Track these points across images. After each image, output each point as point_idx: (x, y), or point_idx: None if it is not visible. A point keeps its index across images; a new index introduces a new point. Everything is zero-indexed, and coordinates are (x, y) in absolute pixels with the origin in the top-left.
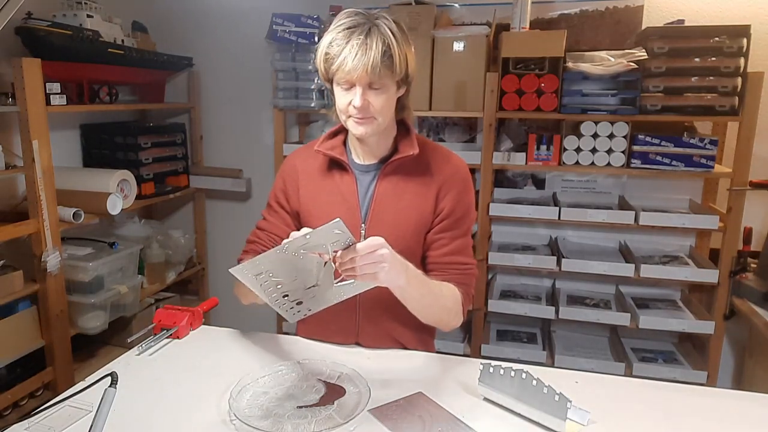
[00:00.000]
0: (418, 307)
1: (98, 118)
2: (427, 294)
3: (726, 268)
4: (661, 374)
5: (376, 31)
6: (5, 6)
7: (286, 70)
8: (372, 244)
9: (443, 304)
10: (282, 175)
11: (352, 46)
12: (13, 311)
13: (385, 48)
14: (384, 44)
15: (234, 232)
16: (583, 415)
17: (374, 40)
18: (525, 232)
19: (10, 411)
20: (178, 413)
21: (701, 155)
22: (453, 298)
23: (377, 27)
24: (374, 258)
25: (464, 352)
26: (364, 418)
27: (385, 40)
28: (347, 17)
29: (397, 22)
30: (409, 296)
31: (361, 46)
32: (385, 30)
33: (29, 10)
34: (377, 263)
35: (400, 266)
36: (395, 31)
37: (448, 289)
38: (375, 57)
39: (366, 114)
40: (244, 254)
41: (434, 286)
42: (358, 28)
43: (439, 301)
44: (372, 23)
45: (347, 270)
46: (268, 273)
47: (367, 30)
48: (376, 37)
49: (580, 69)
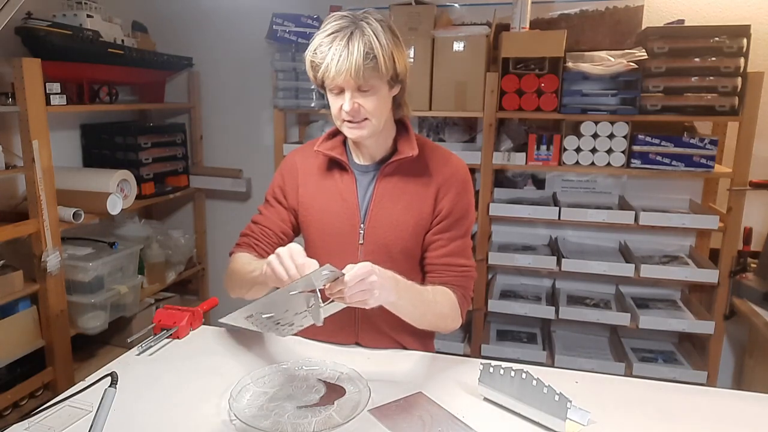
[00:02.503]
0: (411, 317)
1: (98, 118)
2: (420, 304)
3: (726, 268)
4: (661, 374)
5: (359, 34)
6: (5, 6)
7: (286, 70)
8: (359, 274)
9: (438, 311)
10: (282, 172)
11: (334, 52)
12: (13, 311)
13: (368, 50)
14: (366, 46)
15: (234, 232)
16: (583, 415)
17: (356, 43)
18: (525, 232)
19: (10, 411)
20: (178, 413)
21: (701, 155)
22: (449, 304)
23: (360, 29)
24: (363, 286)
25: (464, 352)
26: (364, 418)
27: (367, 41)
28: (333, 21)
29: (383, 21)
30: (402, 309)
31: (343, 51)
32: (368, 31)
33: (29, 10)
34: (366, 291)
35: (390, 286)
36: (379, 30)
37: (444, 295)
38: (357, 61)
39: (358, 117)
40: (237, 247)
41: (428, 295)
42: (340, 33)
43: (433, 308)
44: (356, 25)
45: (337, 297)
46: (259, 313)
47: (349, 33)
48: (357, 40)
49: (580, 69)
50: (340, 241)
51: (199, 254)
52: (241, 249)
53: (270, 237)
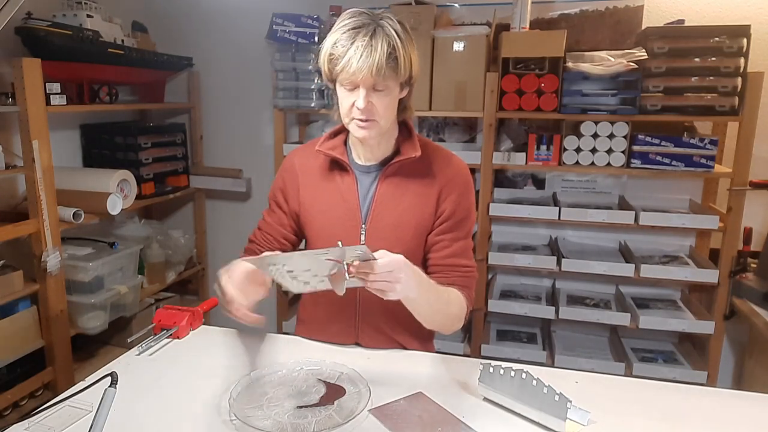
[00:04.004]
0: (424, 315)
1: (98, 118)
2: (435, 302)
3: (726, 268)
4: (661, 374)
5: (381, 32)
6: (5, 6)
7: (286, 70)
8: (391, 263)
9: (450, 312)
10: (282, 173)
11: (357, 47)
12: (13, 311)
13: (390, 50)
14: (389, 46)
15: (234, 232)
16: (583, 415)
17: (379, 41)
18: (525, 232)
19: (10, 411)
20: (178, 413)
21: (701, 155)
22: (459, 305)
23: (382, 28)
24: (390, 278)
25: (464, 352)
26: (364, 418)
27: (390, 41)
28: (351, 17)
29: (401, 23)
30: (418, 306)
31: (366, 47)
32: (390, 31)
33: (29, 10)
34: (391, 283)
35: (414, 285)
36: (400, 32)
37: (455, 296)
38: (380, 58)
39: (369, 116)
40: (243, 254)
41: (443, 294)
42: (363, 29)
43: (446, 309)
44: (377, 24)
45: (360, 276)
46: (282, 265)
47: (372, 31)
48: (381, 38)
49: (580, 69)
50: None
51: (199, 254)
52: (246, 255)
53: (272, 243)
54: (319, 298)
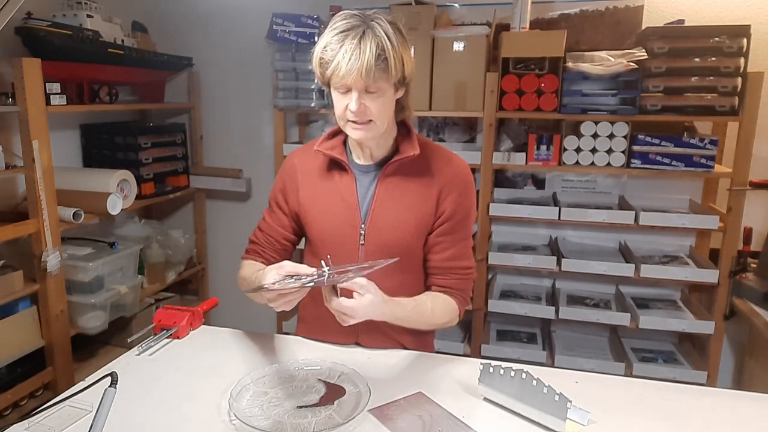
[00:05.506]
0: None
1: (98, 118)
2: (414, 316)
3: (726, 268)
4: (661, 374)
5: (371, 34)
6: (5, 6)
7: (286, 70)
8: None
9: (434, 322)
10: (282, 175)
11: (346, 51)
12: (13, 311)
13: (380, 51)
14: (378, 47)
15: (234, 232)
16: (583, 415)
17: (368, 43)
18: (525, 232)
19: (10, 411)
20: (178, 413)
21: (701, 155)
22: (449, 314)
23: (372, 29)
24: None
25: (464, 352)
26: (364, 418)
27: (379, 42)
28: (342, 20)
29: (393, 23)
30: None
31: (355, 50)
32: (380, 32)
33: (29, 10)
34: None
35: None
36: (390, 32)
37: (443, 305)
38: (369, 61)
39: (363, 118)
40: (246, 254)
41: (424, 307)
42: (351, 31)
43: (428, 320)
44: (367, 25)
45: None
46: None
47: (360, 33)
48: (369, 40)
49: (580, 69)
50: (340, 242)
51: (199, 254)
52: (250, 256)
53: (273, 244)
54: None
